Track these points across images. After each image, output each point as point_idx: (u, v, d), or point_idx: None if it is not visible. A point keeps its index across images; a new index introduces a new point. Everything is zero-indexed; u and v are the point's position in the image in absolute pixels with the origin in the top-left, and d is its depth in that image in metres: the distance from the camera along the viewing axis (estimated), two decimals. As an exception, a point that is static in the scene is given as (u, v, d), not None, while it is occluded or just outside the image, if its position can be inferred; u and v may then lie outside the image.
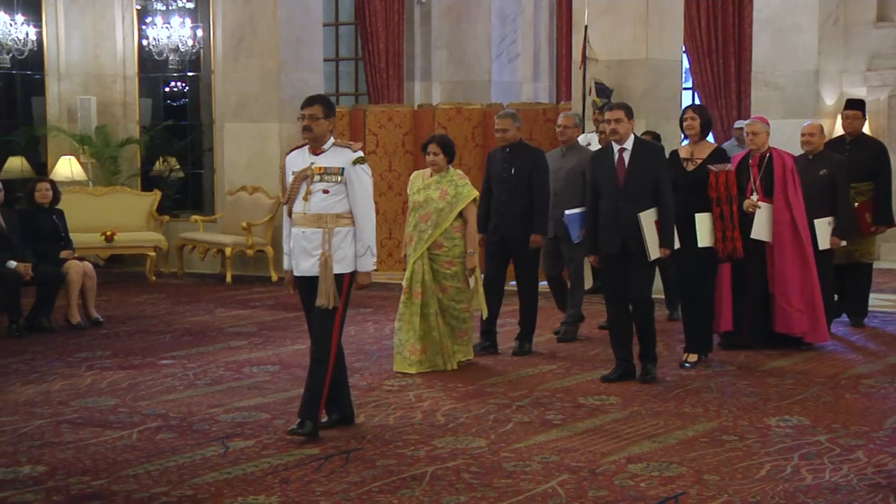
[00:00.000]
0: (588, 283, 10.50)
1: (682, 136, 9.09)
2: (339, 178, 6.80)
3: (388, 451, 6.64)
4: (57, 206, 11.28)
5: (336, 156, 6.85)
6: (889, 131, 15.31)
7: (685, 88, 15.32)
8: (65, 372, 8.92)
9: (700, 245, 8.56)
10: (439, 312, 8.81)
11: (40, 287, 10.78)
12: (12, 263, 10.50)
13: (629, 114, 8.28)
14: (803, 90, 14.87)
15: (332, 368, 6.84)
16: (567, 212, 9.38)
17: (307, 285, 6.95)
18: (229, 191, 14.76)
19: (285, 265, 7.16)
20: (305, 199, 6.83)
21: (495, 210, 9.25)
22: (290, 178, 6.92)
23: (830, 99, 15.41)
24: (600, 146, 9.49)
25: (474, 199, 8.86)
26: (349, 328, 10.32)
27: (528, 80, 17.93)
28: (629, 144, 8.23)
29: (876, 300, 11.39)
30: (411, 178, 9.15)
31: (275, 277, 13.82)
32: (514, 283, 9.66)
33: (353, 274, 6.90)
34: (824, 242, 9.47)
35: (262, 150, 14.34)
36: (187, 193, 15.80)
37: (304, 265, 6.88)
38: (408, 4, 17.19)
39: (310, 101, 6.93)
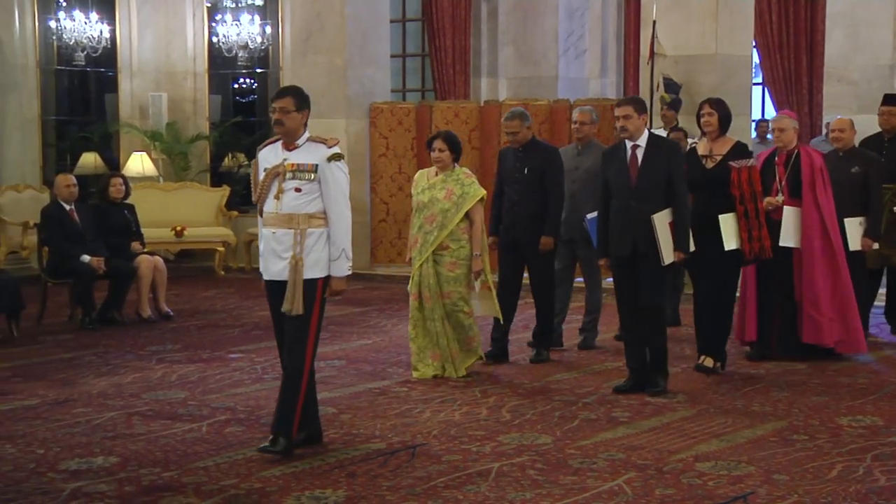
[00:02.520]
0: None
1: (701, 131, 8.64)
2: (313, 176, 6.35)
3: (453, 447, 6.64)
4: (128, 202, 11.43)
5: (310, 152, 6.42)
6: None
7: (755, 84, 15.21)
8: (136, 365, 9.03)
9: (727, 248, 8.17)
10: (444, 317, 8.50)
11: (112, 281, 10.94)
12: (86, 258, 10.68)
13: (639, 109, 7.87)
14: (877, 85, 14.63)
15: (306, 382, 6.47)
16: (588, 216, 8.89)
17: (277, 290, 6.45)
18: (296, 187, 14.82)
19: (261, 268, 6.63)
20: (277, 197, 6.37)
21: (507, 211, 8.89)
22: (262, 175, 6.51)
23: (906, 94, 15.17)
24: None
25: (481, 199, 8.45)
26: (402, 324, 10.28)
27: (595, 75, 17.89)
28: (642, 141, 7.83)
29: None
30: (415, 177, 8.77)
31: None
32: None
33: (327, 279, 6.45)
34: (855, 243, 9.07)
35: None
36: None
37: (274, 268, 6.43)
38: (475, 0, 17.18)
39: (281, 93, 6.55)
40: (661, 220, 7.70)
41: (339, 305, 11.80)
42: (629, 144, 7.84)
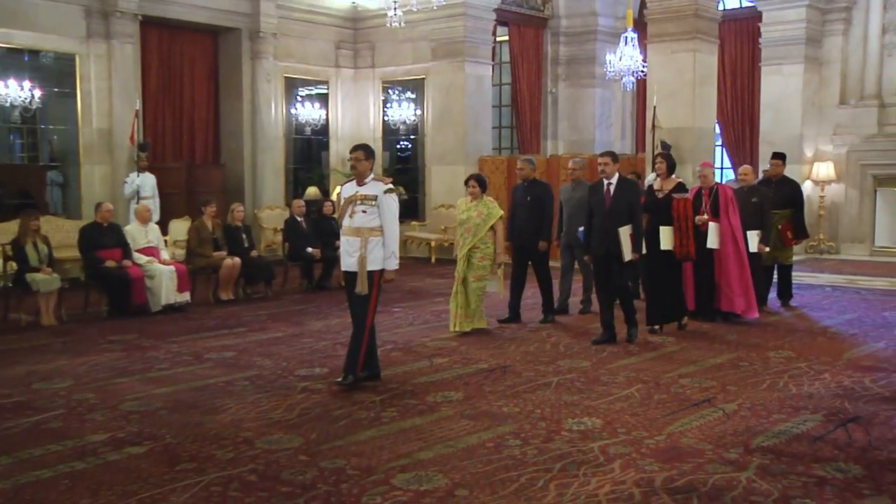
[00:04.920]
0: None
1: (654, 174, 8.33)
2: (374, 203, 5.96)
3: (528, 368, 6.62)
4: (334, 216, 11.56)
5: (373, 187, 6.01)
6: (847, 174, 14.51)
7: (717, 145, 14.89)
8: (338, 313, 9.10)
9: (662, 248, 7.88)
10: (462, 291, 8.00)
11: (324, 263, 11.10)
12: (309, 249, 10.87)
13: (614, 159, 7.58)
14: (792, 146, 14.24)
15: (367, 335, 6.04)
16: (580, 229, 8.44)
17: (348, 277, 6.12)
18: (434, 207, 14.92)
19: (341, 263, 6.25)
20: (351, 216, 6.01)
21: (517, 226, 8.46)
22: (342, 202, 6.18)
23: (809, 152, 14.72)
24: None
25: (501, 217, 8.07)
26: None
27: (618, 138, 17.60)
28: (614, 180, 7.48)
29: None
30: (458, 203, 8.30)
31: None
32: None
33: (382, 271, 6.06)
34: (753, 247, 8.72)
35: (453, 183, 14.37)
36: (410, 208, 16.00)
37: (347, 262, 6.08)
38: (543, 94, 17.09)
39: (355, 148, 6.17)
40: (624, 233, 7.44)
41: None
42: (605, 182, 7.56)
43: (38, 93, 11.91)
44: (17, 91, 11.73)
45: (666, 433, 4.94)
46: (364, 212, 5.99)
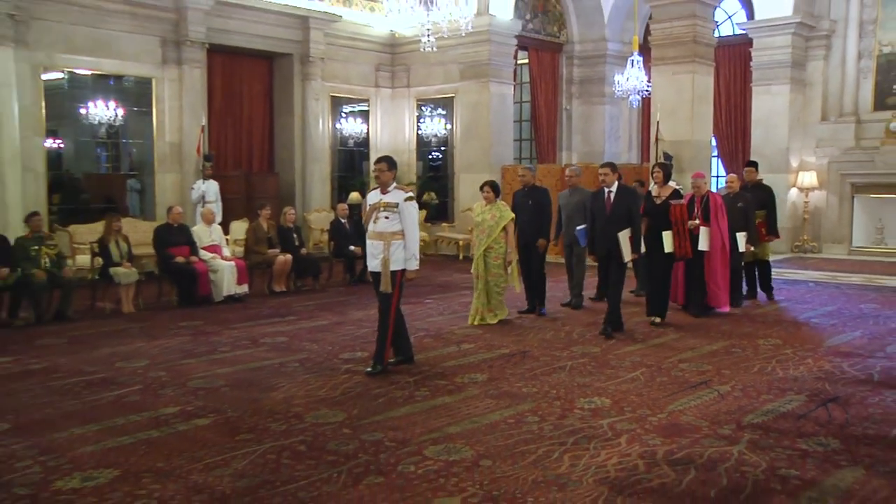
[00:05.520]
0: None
1: (652, 182, 8.15)
2: (395, 210, 5.82)
3: (545, 353, 6.60)
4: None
5: (395, 195, 5.86)
6: (828, 182, 14.35)
7: (714, 156, 14.74)
8: (376, 304, 8.86)
9: (665, 251, 7.74)
10: (484, 290, 7.92)
11: (364, 260, 11.07)
12: (352, 248, 10.89)
13: (613, 169, 7.38)
14: (779, 158, 14.13)
15: (391, 330, 5.93)
16: (577, 228, 8.42)
17: (374, 276, 6.00)
18: (461, 210, 14.87)
19: (367, 263, 6.09)
20: (375, 221, 5.86)
21: (520, 228, 8.24)
22: (367, 208, 6.01)
23: (795, 163, 14.55)
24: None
25: (512, 219, 7.90)
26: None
27: (625, 150, 17.48)
28: (614, 188, 7.35)
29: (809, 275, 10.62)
30: (474, 207, 8.17)
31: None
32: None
33: (404, 271, 5.92)
34: (741, 247, 8.63)
35: (478, 189, 14.37)
36: (440, 211, 16.00)
37: (372, 264, 5.94)
38: (559, 110, 17.01)
39: (378, 160, 5.95)
40: (624, 236, 7.33)
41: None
42: (606, 190, 7.45)
43: (120, 112, 12.21)
44: (103, 110, 12.08)
45: (667, 411, 4.91)
46: (387, 217, 5.87)
